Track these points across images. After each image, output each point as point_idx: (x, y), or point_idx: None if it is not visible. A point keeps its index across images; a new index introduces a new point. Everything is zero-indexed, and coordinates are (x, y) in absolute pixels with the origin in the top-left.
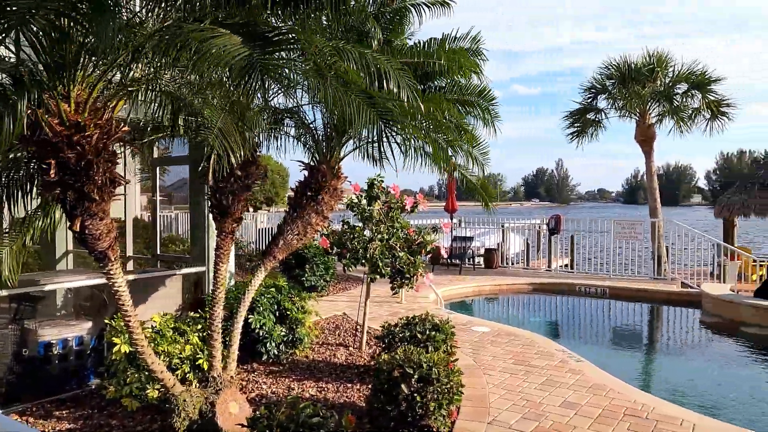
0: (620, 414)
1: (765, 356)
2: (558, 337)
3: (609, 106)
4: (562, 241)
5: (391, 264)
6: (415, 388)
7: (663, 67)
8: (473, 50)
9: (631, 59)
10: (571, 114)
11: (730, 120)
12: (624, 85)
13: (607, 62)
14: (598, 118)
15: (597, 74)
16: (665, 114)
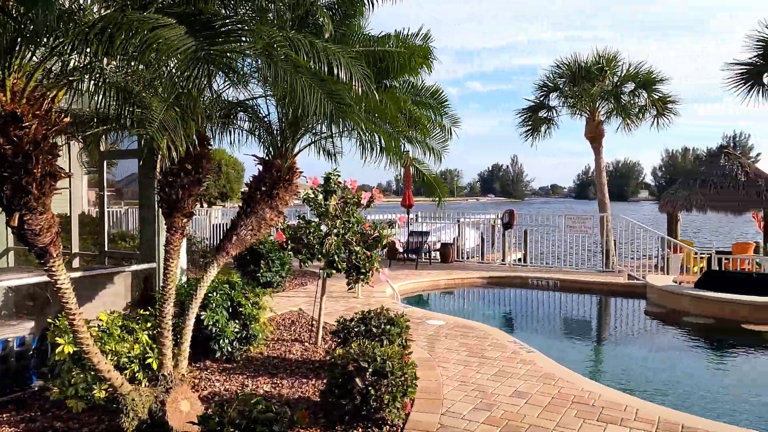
0: (568, 402)
1: (704, 344)
2: (511, 329)
3: (561, 104)
4: (515, 236)
5: (347, 259)
6: (369, 382)
7: (611, 66)
8: (424, 48)
9: (581, 59)
10: (524, 111)
11: (676, 115)
12: (575, 84)
13: (559, 61)
14: (550, 116)
15: (549, 73)
16: (613, 112)
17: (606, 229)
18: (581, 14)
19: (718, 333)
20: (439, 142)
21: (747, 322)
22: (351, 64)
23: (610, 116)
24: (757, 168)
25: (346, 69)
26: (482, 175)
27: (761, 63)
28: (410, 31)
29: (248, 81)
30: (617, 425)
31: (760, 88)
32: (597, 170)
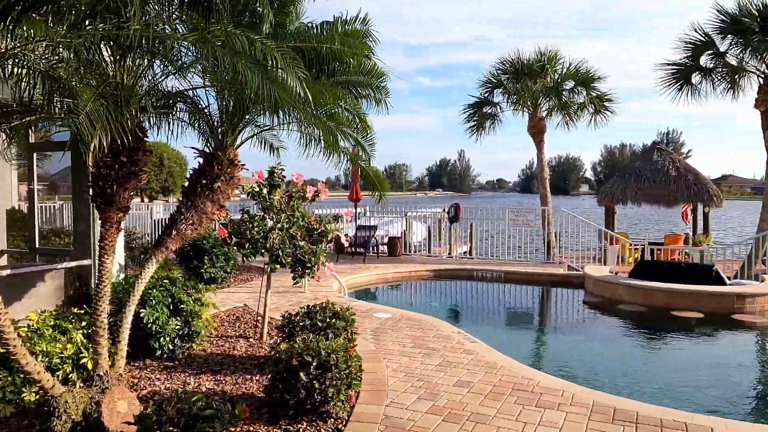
0: (509, 389)
1: (638, 330)
2: (456, 321)
3: (504, 100)
4: (461, 229)
5: (291, 253)
6: (313, 375)
7: (552, 64)
8: (364, 32)
9: (524, 56)
10: (469, 107)
11: (612, 113)
12: (517, 80)
13: (502, 58)
14: (494, 112)
15: (493, 69)
16: (554, 108)
17: (547, 222)
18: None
19: (649, 320)
20: (369, 143)
21: (676, 309)
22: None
23: (551, 113)
24: (687, 163)
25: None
26: (430, 169)
27: (690, 64)
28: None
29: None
30: (554, 410)
31: (689, 87)
32: (539, 165)
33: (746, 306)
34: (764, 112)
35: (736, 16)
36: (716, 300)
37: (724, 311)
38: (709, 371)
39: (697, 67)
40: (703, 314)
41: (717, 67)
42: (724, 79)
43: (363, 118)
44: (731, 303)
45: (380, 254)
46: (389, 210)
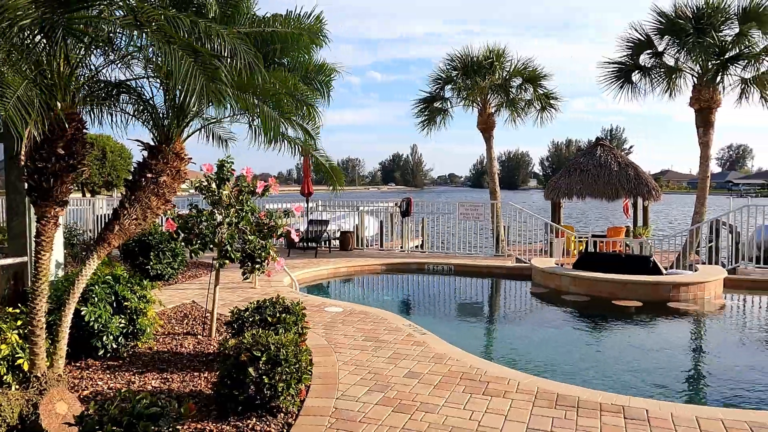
0: (457, 379)
1: (581, 319)
2: (407, 313)
3: (454, 95)
4: (413, 223)
5: (241, 248)
6: (263, 371)
7: (500, 61)
8: (316, 29)
9: (473, 53)
10: (420, 102)
11: (557, 110)
12: (467, 77)
13: (452, 54)
14: (445, 107)
15: (444, 65)
16: (503, 105)
17: (496, 216)
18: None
19: (592, 309)
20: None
21: (616, 299)
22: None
23: (500, 109)
24: (628, 159)
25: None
26: (384, 164)
27: (630, 63)
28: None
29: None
30: (501, 397)
31: (630, 85)
32: (488, 160)
33: (680, 294)
34: (698, 111)
35: (672, 18)
36: (653, 289)
37: (661, 299)
38: (646, 356)
39: (637, 66)
40: (641, 303)
41: (655, 66)
42: (662, 77)
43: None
44: (667, 292)
45: (332, 249)
46: (342, 204)
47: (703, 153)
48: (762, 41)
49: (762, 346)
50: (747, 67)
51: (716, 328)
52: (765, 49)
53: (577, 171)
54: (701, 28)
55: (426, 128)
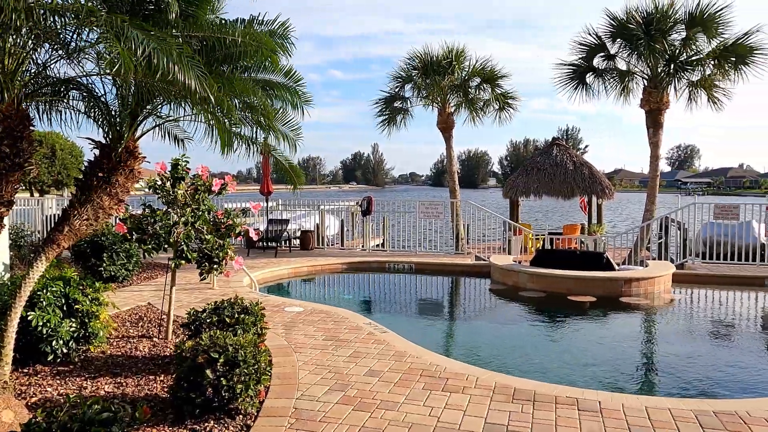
0: (417, 376)
1: (538, 315)
2: (368, 312)
3: (415, 95)
4: (375, 222)
5: (198, 248)
6: (221, 372)
7: (459, 61)
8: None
9: (433, 52)
10: (381, 101)
11: (515, 110)
12: (427, 76)
13: (412, 53)
14: (405, 107)
15: (404, 64)
16: (462, 104)
17: (456, 215)
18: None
19: (548, 305)
20: (293, 129)
21: (572, 294)
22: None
23: (459, 108)
24: (583, 158)
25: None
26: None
27: (584, 65)
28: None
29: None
30: (459, 393)
31: (584, 87)
32: (448, 159)
33: (632, 289)
34: (648, 112)
35: (624, 22)
36: (606, 285)
37: (613, 295)
38: (600, 350)
39: (591, 68)
40: (595, 298)
41: (608, 68)
42: (614, 79)
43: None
44: (619, 287)
45: (293, 248)
46: (302, 203)
47: (653, 153)
48: (708, 46)
49: (707, 337)
50: (694, 71)
51: (665, 321)
52: (711, 53)
53: (534, 170)
54: (651, 33)
55: (386, 127)
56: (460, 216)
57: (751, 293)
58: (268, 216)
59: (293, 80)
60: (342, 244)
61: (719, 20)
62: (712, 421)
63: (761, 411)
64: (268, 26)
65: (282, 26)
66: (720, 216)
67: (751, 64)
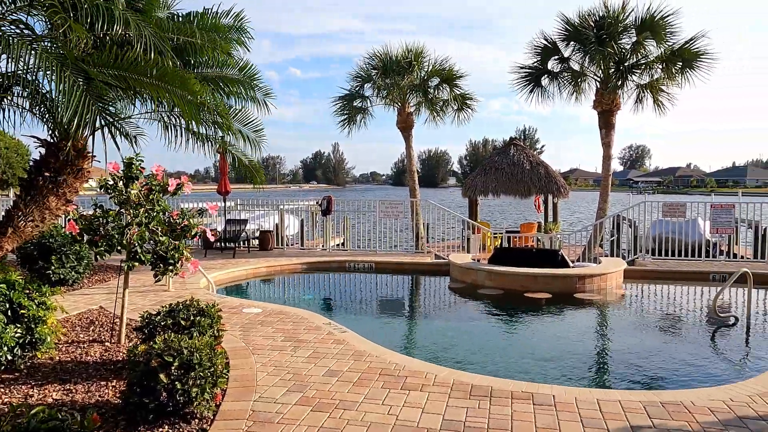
0: (376, 375)
1: (496, 312)
2: (327, 312)
3: (374, 94)
4: (335, 222)
5: (152, 250)
6: (175, 376)
7: (419, 61)
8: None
9: (392, 52)
10: (340, 100)
11: (473, 111)
12: (386, 76)
13: (371, 53)
14: (365, 106)
15: (363, 64)
16: (421, 104)
17: (416, 214)
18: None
19: (506, 302)
20: (253, 127)
21: (528, 291)
22: None
23: (418, 108)
24: (539, 158)
25: None
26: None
27: (540, 67)
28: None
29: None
30: (418, 391)
31: (540, 89)
32: (408, 159)
33: (585, 285)
34: (600, 113)
35: (577, 26)
36: (561, 281)
37: (568, 291)
38: (555, 345)
39: (546, 71)
40: (551, 294)
41: (563, 71)
42: (568, 82)
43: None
44: (573, 283)
45: (252, 249)
46: (261, 203)
47: (606, 153)
48: (656, 50)
49: (656, 331)
50: (643, 74)
51: (617, 316)
52: (658, 57)
53: (492, 170)
54: (602, 37)
55: (347, 127)
56: (420, 215)
57: (696, 288)
58: (226, 216)
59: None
60: (302, 244)
61: (668, 26)
62: (660, 411)
63: (705, 400)
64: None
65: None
66: (668, 214)
67: (696, 69)
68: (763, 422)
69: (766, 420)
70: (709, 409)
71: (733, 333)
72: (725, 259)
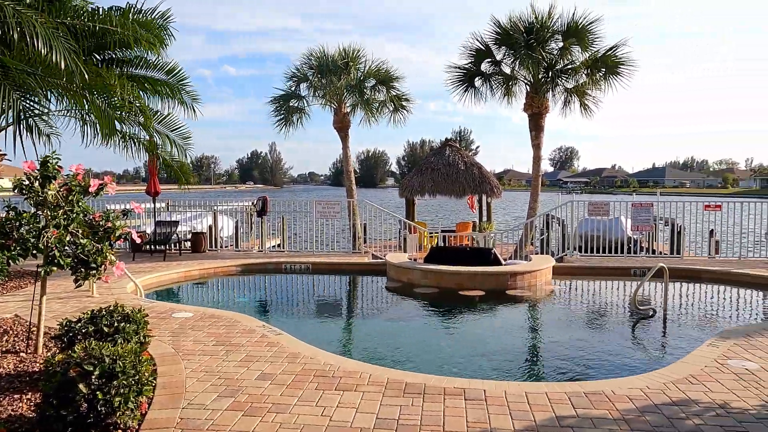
0: (311, 377)
1: (431, 310)
2: (262, 315)
3: (311, 94)
4: (272, 222)
5: (72, 254)
6: (96, 386)
7: (355, 62)
8: (161, 25)
9: (329, 52)
10: (276, 99)
11: (409, 112)
12: (323, 76)
13: (308, 52)
14: (301, 106)
15: (300, 63)
16: (357, 105)
17: (353, 214)
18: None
19: (441, 300)
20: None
21: (463, 289)
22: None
23: (355, 108)
24: (473, 159)
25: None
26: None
27: (473, 69)
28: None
29: None
30: (352, 391)
31: (473, 90)
32: (344, 159)
33: (517, 282)
34: (531, 116)
35: (508, 30)
36: (494, 279)
37: (500, 288)
38: (488, 340)
39: (479, 72)
40: (484, 292)
41: (495, 73)
42: (500, 84)
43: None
44: (505, 281)
45: (183, 251)
46: (194, 204)
47: (536, 154)
48: (581, 56)
49: (582, 324)
50: (570, 79)
51: (546, 311)
52: (584, 63)
53: (428, 170)
54: (531, 42)
55: (283, 127)
56: (357, 215)
57: (619, 282)
58: (156, 217)
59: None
60: (237, 245)
61: (591, 33)
62: (583, 401)
63: (624, 389)
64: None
65: (162, 17)
66: (593, 213)
67: (618, 75)
68: (676, 407)
69: (678, 405)
70: (628, 397)
71: (651, 324)
72: (645, 255)
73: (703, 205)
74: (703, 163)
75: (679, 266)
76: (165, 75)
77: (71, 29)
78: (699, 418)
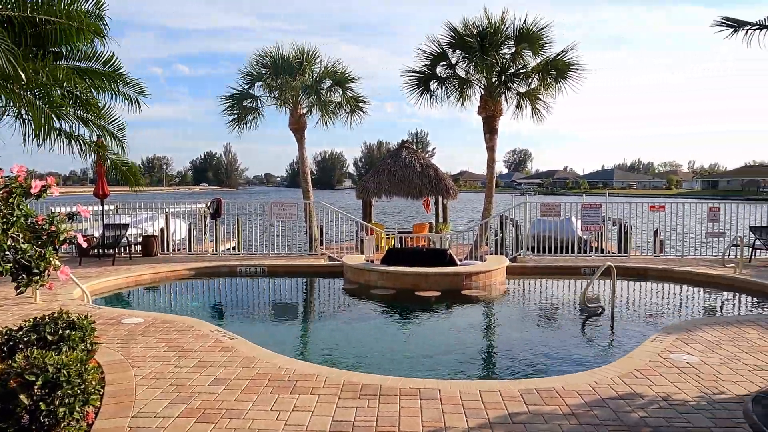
0: (265, 381)
1: (388, 311)
2: (218, 319)
3: (266, 94)
4: (227, 225)
5: (12, 259)
6: (39, 396)
7: (311, 62)
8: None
9: (284, 51)
10: (229, 99)
11: (365, 113)
12: (278, 75)
13: (263, 51)
14: (256, 106)
15: (254, 62)
16: (314, 106)
17: (310, 216)
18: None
19: (397, 301)
20: (116, 126)
21: (419, 290)
22: None
23: (311, 109)
24: (429, 161)
25: None
26: (195, 163)
27: (429, 72)
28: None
29: None
30: (308, 394)
31: (429, 93)
32: (300, 160)
33: (472, 282)
34: (485, 118)
35: (462, 34)
36: (449, 279)
37: (456, 288)
38: (443, 340)
39: (435, 76)
40: (440, 292)
41: (450, 77)
42: (455, 87)
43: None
44: (461, 281)
45: (134, 255)
46: (145, 206)
47: (490, 156)
48: (533, 61)
49: (534, 322)
50: (523, 83)
51: (499, 310)
52: (536, 67)
53: (385, 172)
54: (484, 46)
55: (237, 127)
56: (314, 217)
57: (570, 281)
58: (105, 220)
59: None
60: (190, 249)
61: (542, 38)
62: (534, 398)
63: (573, 385)
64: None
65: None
66: (545, 213)
67: (568, 79)
68: (622, 401)
69: (624, 399)
70: (578, 393)
71: (600, 321)
72: (595, 254)
73: (648, 205)
74: (648, 165)
75: (626, 265)
76: (102, 65)
77: (5, 20)
78: (644, 410)
